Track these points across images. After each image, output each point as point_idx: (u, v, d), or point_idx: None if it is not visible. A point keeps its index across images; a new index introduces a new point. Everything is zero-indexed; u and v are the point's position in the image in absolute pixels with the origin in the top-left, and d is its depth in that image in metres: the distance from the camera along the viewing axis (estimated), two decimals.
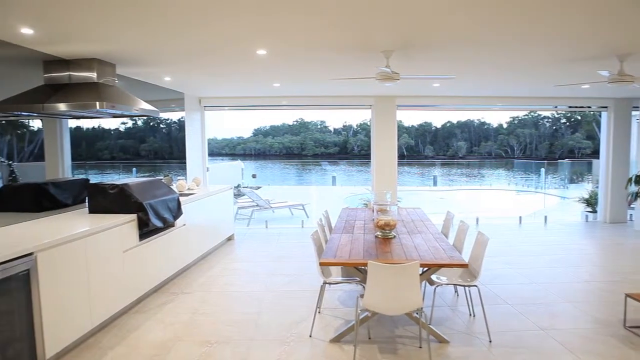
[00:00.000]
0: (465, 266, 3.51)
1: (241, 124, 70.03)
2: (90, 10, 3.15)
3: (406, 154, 42.40)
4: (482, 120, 44.77)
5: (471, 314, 4.27)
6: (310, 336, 3.85)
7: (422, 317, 3.62)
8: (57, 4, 2.99)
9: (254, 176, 16.79)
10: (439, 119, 47.48)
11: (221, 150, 44.23)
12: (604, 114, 9.22)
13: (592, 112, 18.34)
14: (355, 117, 47.69)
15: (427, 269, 3.65)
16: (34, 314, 3.09)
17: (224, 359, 3.48)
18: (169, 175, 8.40)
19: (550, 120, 42.59)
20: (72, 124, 5.59)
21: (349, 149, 44.96)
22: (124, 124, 40.10)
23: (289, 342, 3.74)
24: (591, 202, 9.70)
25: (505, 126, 44.02)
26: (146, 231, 4.59)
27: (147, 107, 5.15)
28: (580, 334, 3.83)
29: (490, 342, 3.69)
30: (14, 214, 4.26)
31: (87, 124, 6.08)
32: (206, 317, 4.30)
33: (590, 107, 9.53)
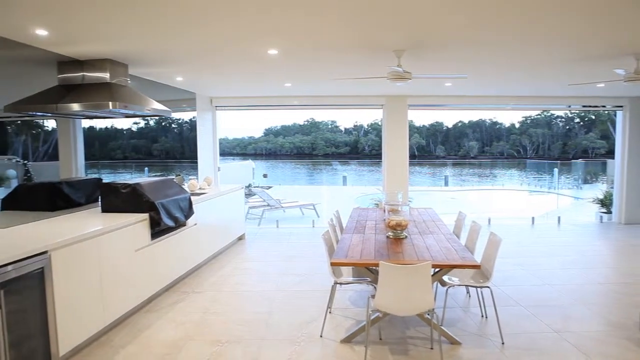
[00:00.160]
0: (477, 267, 3.49)
1: (252, 124, 70.31)
2: (103, 11, 3.18)
3: (417, 153, 42.21)
4: (494, 120, 44.42)
5: (483, 316, 4.23)
6: (321, 336, 3.84)
7: (433, 318, 3.61)
8: (70, 5, 3.02)
9: (265, 176, 16.83)
10: (450, 118, 47.19)
11: (232, 150, 44.37)
12: (619, 113, 9.08)
13: (606, 112, 18.08)
14: (366, 117, 47.62)
15: (438, 269, 3.62)
16: (47, 311, 3.13)
17: (235, 358, 3.49)
18: (181, 174, 8.45)
19: (563, 119, 42.08)
20: (86, 124, 5.65)
21: (359, 149, 44.85)
22: (136, 124, 40.34)
23: (299, 342, 3.73)
24: (606, 203, 9.57)
25: (517, 126, 43.60)
26: (158, 230, 4.62)
27: (159, 107, 5.19)
28: (594, 337, 3.78)
29: (502, 344, 3.65)
30: (29, 213, 4.32)
31: (100, 124, 6.13)
32: (217, 317, 4.31)
33: (605, 107, 9.40)
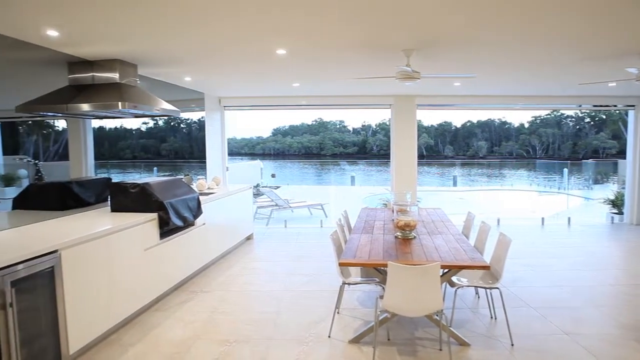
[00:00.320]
0: (487, 268, 3.46)
1: (260, 124, 70.44)
2: (112, 11, 3.19)
3: (425, 153, 42.04)
4: (503, 119, 44.08)
5: (492, 317, 4.20)
6: (329, 336, 3.84)
7: (442, 319, 3.58)
8: (81, 6, 3.04)
9: (273, 176, 16.86)
10: (458, 118, 46.94)
11: (240, 149, 44.48)
12: (631, 113, 8.98)
13: (617, 111, 17.90)
14: (374, 117, 47.51)
15: (447, 270, 3.60)
16: (58, 310, 3.15)
17: (243, 358, 3.49)
18: (189, 174, 8.49)
19: (573, 119, 41.67)
20: (95, 124, 5.69)
21: (367, 149, 44.77)
22: (145, 124, 40.58)
23: (307, 342, 3.73)
24: (617, 204, 9.46)
25: (526, 126, 43.25)
26: (167, 230, 4.64)
27: (168, 107, 5.21)
28: (605, 339, 3.73)
29: (512, 345, 3.62)
30: (39, 212, 4.36)
31: (109, 124, 6.18)
32: (225, 316, 4.32)
33: (616, 106, 9.30)
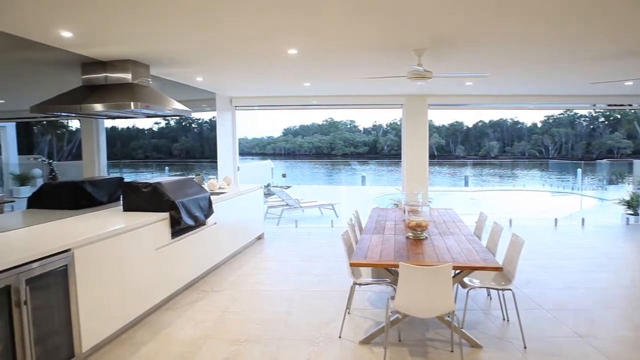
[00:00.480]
0: (499, 269, 3.42)
1: (271, 124, 70.65)
2: (124, 12, 3.21)
3: (437, 153, 41.83)
4: (515, 119, 43.72)
5: (505, 319, 4.16)
6: (339, 337, 3.82)
7: (454, 320, 3.55)
8: (94, 7, 3.07)
9: (284, 175, 16.88)
10: (470, 118, 46.67)
11: (251, 149, 44.68)
12: None
13: (632, 111, 17.64)
14: (385, 117, 47.42)
15: (459, 271, 3.57)
16: (71, 308, 3.18)
17: (253, 357, 3.49)
18: (201, 174, 8.54)
19: (587, 119, 41.15)
20: (108, 124, 5.77)
21: (378, 149, 44.66)
22: (157, 124, 41.12)
23: (318, 343, 3.72)
24: (632, 204, 9.31)
25: (539, 125, 42.82)
26: (178, 229, 4.66)
27: (179, 107, 5.23)
28: (620, 342, 3.67)
29: (525, 348, 3.58)
30: (53, 211, 4.42)
31: (122, 124, 6.24)
32: (236, 316, 4.33)
33: (631, 105, 9.17)
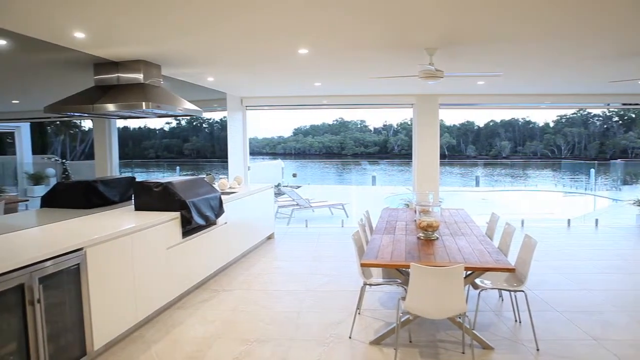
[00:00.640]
0: (512, 271, 3.39)
1: (282, 124, 70.73)
2: (136, 14, 3.23)
3: (447, 153, 41.58)
4: (527, 118, 43.23)
5: (517, 320, 4.11)
6: (350, 337, 3.81)
7: (465, 321, 3.52)
8: (106, 9, 3.09)
9: (294, 175, 16.89)
10: (481, 118, 46.31)
11: (262, 149, 44.80)
12: None
13: None
14: (395, 117, 47.21)
15: (471, 272, 3.54)
16: (83, 306, 3.21)
17: (264, 357, 3.50)
18: (211, 173, 8.57)
19: (601, 118, 40.57)
20: (120, 124, 5.80)
21: (389, 149, 44.52)
22: (168, 123, 41.39)
23: (328, 343, 3.71)
24: None
25: (551, 125, 42.34)
26: (189, 229, 4.68)
27: (190, 107, 5.26)
28: (636, 345, 3.61)
29: (537, 350, 3.54)
30: (66, 210, 4.46)
31: (133, 124, 6.29)
32: (246, 315, 4.34)
33: None
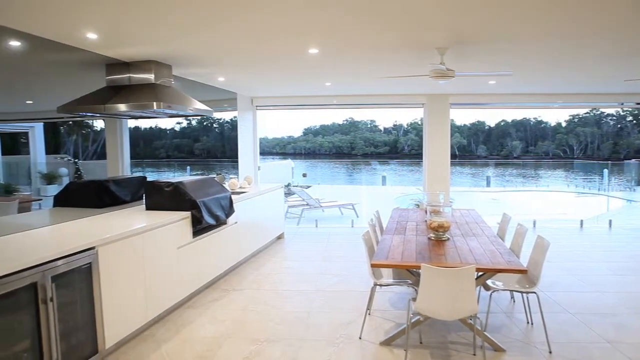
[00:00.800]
0: (524, 272, 3.34)
1: (292, 124, 70.91)
2: (147, 14, 3.25)
3: (458, 153, 41.35)
4: (539, 118, 42.89)
5: (529, 322, 4.07)
6: (360, 338, 3.80)
7: (476, 323, 3.49)
8: (118, 10, 3.11)
9: (304, 175, 16.91)
10: (492, 117, 46.02)
11: (272, 149, 44.94)
12: None
13: None
14: (405, 116, 47.10)
15: (482, 273, 3.51)
16: (95, 305, 3.23)
17: (274, 357, 3.49)
18: (222, 173, 8.60)
19: (614, 118, 40.08)
20: (131, 124, 5.84)
21: (399, 149, 44.41)
22: (179, 123, 41.65)
23: (338, 343, 3.70)
24: None
25: (564, 125, 41.94)
26: (199, 228, 4.70)
27: (201, 107, 5.28)
28: None
29: (550, 352, 3.49)
30: (78, 210, 4.50)
31: (144, 124, 6.32)
32: (256, 315, 4.34)
33: None
